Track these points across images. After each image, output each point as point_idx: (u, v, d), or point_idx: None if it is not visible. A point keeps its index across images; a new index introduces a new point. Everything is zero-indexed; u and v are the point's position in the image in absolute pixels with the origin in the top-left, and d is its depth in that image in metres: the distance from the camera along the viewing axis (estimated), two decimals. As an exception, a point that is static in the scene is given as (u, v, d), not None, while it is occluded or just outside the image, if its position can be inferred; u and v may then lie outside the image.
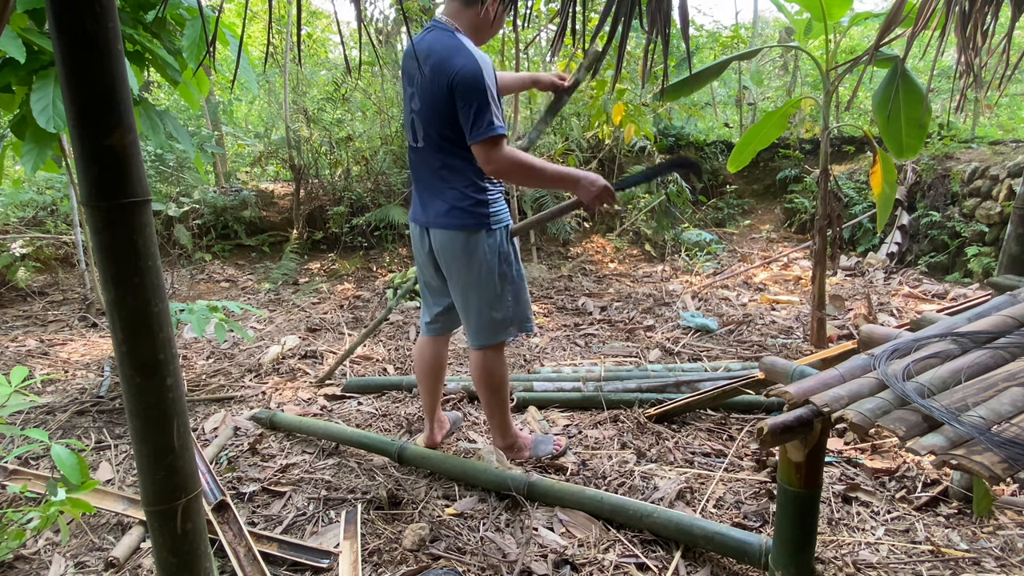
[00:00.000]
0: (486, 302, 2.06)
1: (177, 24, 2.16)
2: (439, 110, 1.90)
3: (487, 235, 2.00)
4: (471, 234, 1.99)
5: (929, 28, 2.02)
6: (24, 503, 2.06)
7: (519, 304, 2.11)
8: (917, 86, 2.84)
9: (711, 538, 1.67)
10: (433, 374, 2.31)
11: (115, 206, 0.99)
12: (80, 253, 4.88)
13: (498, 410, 2.23)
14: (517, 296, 2.10)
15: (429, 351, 2.30)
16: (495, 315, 2.08)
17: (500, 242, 2.04)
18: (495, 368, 2.15)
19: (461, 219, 1.98)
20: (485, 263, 2.01)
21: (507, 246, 2.06)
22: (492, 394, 2.19)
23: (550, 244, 6.27)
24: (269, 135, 7.33)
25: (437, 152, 1.98)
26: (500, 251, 2.04)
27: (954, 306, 1.72)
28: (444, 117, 1.90)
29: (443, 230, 2.02)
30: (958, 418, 0.97)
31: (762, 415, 2.57)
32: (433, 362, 2.30)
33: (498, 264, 2.03)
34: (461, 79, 1.82)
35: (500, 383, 2.18)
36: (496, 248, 2.02)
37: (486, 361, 2.14)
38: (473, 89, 1.81)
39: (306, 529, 1.93)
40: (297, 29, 1.52)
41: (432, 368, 2.31)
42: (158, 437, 1.08)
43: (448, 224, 2.00)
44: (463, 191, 1.98)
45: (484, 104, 1.82)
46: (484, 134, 1.83)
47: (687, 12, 1.31)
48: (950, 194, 5.24)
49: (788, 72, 9.21)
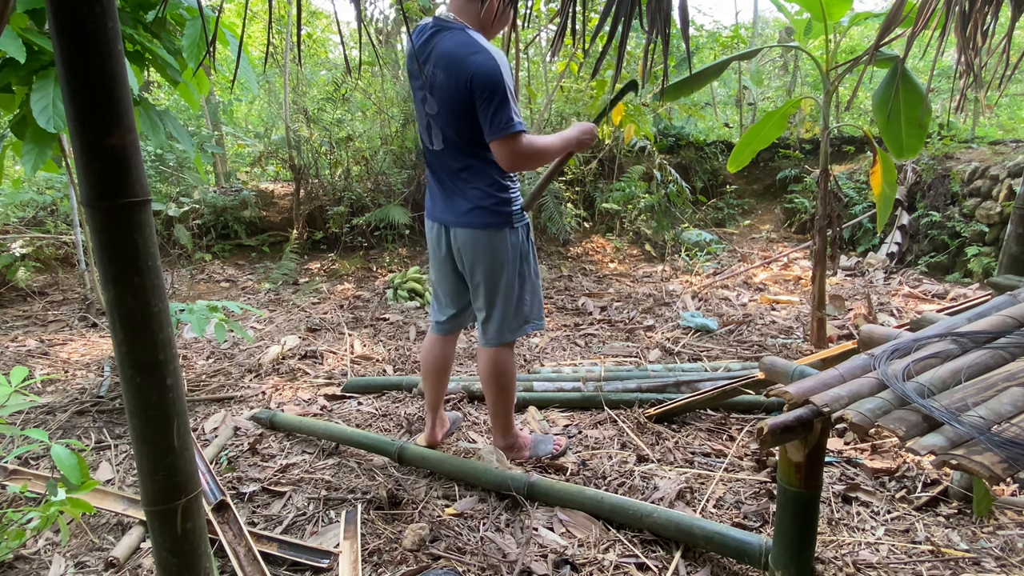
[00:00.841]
0: (508, 300, 2.08)
1: (177, 24, 2.16)
2: (459, 112, 1.89)
3: (510, 233, 2.02)
4: (495, 232, 2.00)
5: (929, 28, 2.02)
6: (24, 503, 2.06)
7: (536, 301, 2.15)
8: (917, 86, 2.84)
9: (711, 538, 1.67)
10: (439, 372, 2.34)
11: (115, 206, 0.98)
12: (80, 253, 4.88)
13: (503, 409, 2.23)
14: (534, 293, 2.13)
15: (438, 349, 2.31)
16: (515, 313, 2.11)
17: (522, 240, 2.07)
18: (507, 366, 2.17)
19: (485, 218, 1.99)
20: (508, 261, 2.03)
21: (527, 244, 2.10)
22: (500, 393, 2.20)
23: (550, 244, 6.27)
24: (269, 135, 7.32)
25: (457, 153, 1.98)
26: (521, 249, 2.07)
27: (954, 306, 1.72)
28: (465, 119, 1.89)
29: (467, 229, 2.02)
30: (958, 418, 0.97)
31: (762, 415, 2.58)
32: (441, 360, 2.32)
33: (520, 262, 2.06)
34: (479, 77, 1.80)
35: (509, 382, 2.20)
36: (519, 246, 2.06)
37: (499, 359, 2.15)
38: (492, 87, 1.80)
39: (306, 529, 1.93)
40: (297, 29, 1.52)
41: (439, 366, 2.33)
42: (158, 437, 1.07)
43: (473, 223, 2.00)
44: (486, 190, 1.98)
45: (503, 101, 1.81)
46: (504, 131, 1.83)
47: (687, 12, 1.31)
48: (950, 194, 5.23)
49: (788, 72, 9.21)
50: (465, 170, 1.98)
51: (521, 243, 2.07)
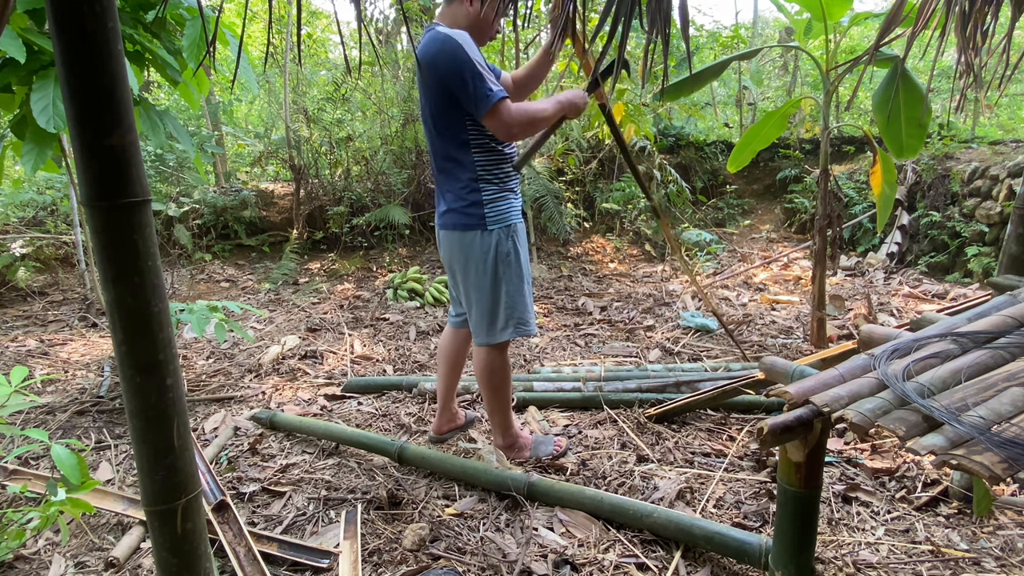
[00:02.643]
0: (482, 302, 2.08)
1: (177, 24, 2.16)
2: (430, 102, 1.97)
3: (482, 236, 2.02)
4: (465, 234, 2.03)
5: (929, 28, 2.02)
6: (24, 503, 2.06)
7: (517, 306, 2.09)
8: (917, 86, 2.84)
9: (711, 538, 1.67)
10: (450, 363, 2.39)
11: (115, 206, 0.98)
12: (80, 253, 4.88)
13: (499, 409, 2.23)
14: (514, 298, 2.08)
15: (450, 341, 2.39)
16: (490, 316, 2.09)
17: (498, 242, 2.03)
18: (496, 367, 2.16)
19: (455, 219, 2.04)
20: (480, 263, 2.04)
21: (508, 245, 2.05)
22: (492, 392, 2.20)
23: (550, 244, 6.27)
24: (269, 135, 7.33)
25: (436, 156, 2.07)
26: (498, 251, 2.03)
27: (954, 306, 1.72)
28: (436, 109, 1.96)
29: (443, 230, 2.11)
30: (958, 418, 0.97)
31: (762, 415, 2.57)
32: (451, 351, 2.38)
33: (495, 265, 2.04)
34: (442, 66, 1.86)
35: (501, 382, 2.19)
36: (492, 249, 2.03)
37: (487, 358, 2.15)
38: (458, 70, 1.84)
39: (306, 529, 1.93)
40: (297, 29, 1.52)
41: (451, 357, 2.38)
42: (158, 437, 1.07)
43: (445, 224, 2.08)
44: (458, 193, 2.02)
45: (475, 77, 1.85)
46: (487, 104, 1.86)
47: (687, 12, 1.31)
48: (950, 194, 5.23)
49: (788, 72, 9.21)
50: (442, 172, 2.06)
51: (497, 246, 2.03)
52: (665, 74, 1.59)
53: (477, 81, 1.84)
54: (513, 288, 2.08)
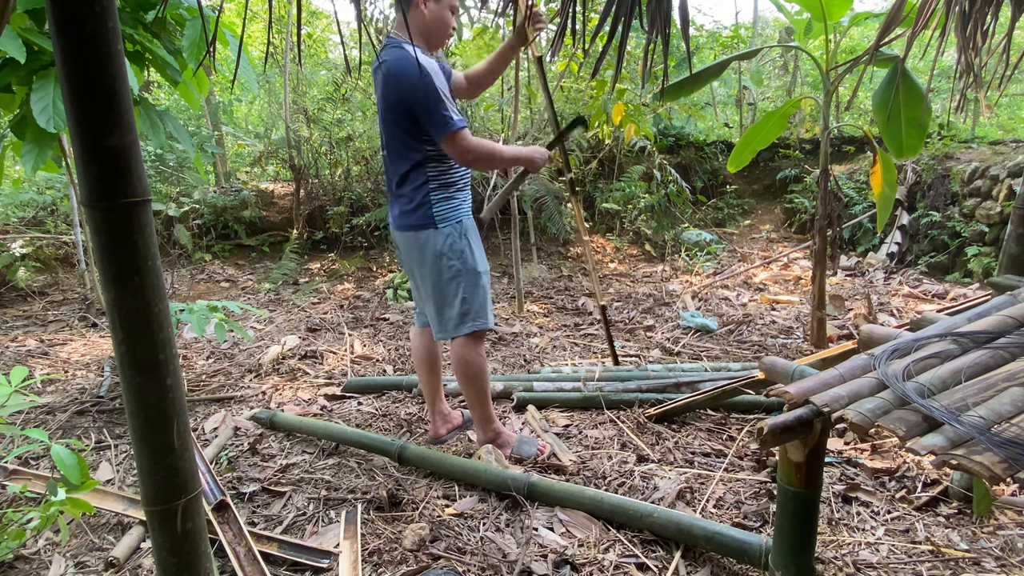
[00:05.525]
0: (439, 297, 2.16)
1: (177, 24, 2.16)
2: (387, 119, 2.06)
3: (434, 233, 2.11)
4: (419, 234, 2.12)
5: (929, 28, 2.02)
6: (24, 503, 2.06)
7: (474, 299, 2.15)
8: (917, 86, 2.84)
9: (711, 538, 1.67)
10: (426, 363, 2.42)
11: (115, 206, 0.98)
12: (80, 253, 4.88)
13: (476, 401, 2.26)
14: (471, 291, 2.15)
15: (419, 341, 2.44)
16: (448, 310, 2.16)
17: (450, 239, 2.11)
18: (470, 359, 2.19)
19: (407, 220, 2.13)
20: (435, 260, 2.12)
21: (461, 242, 2.13)
22: (468, 384, 2.23)
23: (550, 244, 6.27)
24: (269, 135, 7.33)
25: (389, 163, 2.16)
26: (452, 248, 2.12)
27: (954, 306, 1.72)
28: (393, 126, 2.06)
29: (398, 232, 2.20)
30: (958, 418, 0.97)
31: (762, 415, 2.57)
32: (424, 352, 2.42)
33: (448, 260, 2.12)
34: (406, 84, 1.95)
35: (475, 374, 2.21)
36: (445, 245, 2.11)
37: (459, 351, 2.20)
38: (421, 93, 1.94)
39: (306, 529, 1.93)
40: (297, 29, 1.52)
41: (424, 357, 2.42)
42: (158, 437, 1.07)
43: (399, 226, 2.17)
44: (410, 195, 2.12)
45: (437, 102, 1.94)
46: (446, 131, 1.97)
47: (687, 12, 1.31)
48: (950, 194, 5.23)
49: (788, 72, 9.21)
50: (395, 176, 2.14)
51: (449, 241, 2.11)
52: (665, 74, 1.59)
53: (437, 108, 1.95)
54: (469, 283, 2.14)
